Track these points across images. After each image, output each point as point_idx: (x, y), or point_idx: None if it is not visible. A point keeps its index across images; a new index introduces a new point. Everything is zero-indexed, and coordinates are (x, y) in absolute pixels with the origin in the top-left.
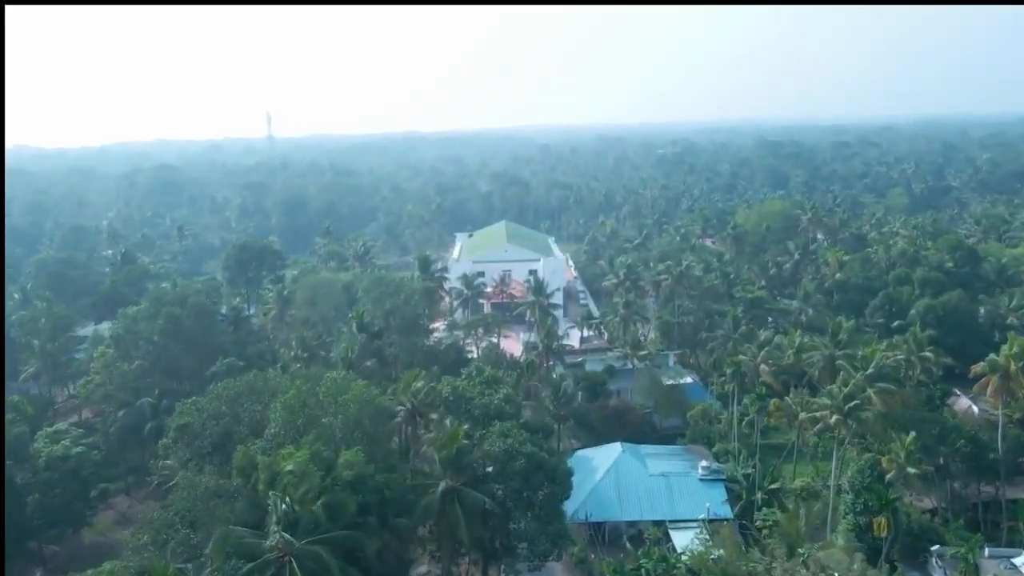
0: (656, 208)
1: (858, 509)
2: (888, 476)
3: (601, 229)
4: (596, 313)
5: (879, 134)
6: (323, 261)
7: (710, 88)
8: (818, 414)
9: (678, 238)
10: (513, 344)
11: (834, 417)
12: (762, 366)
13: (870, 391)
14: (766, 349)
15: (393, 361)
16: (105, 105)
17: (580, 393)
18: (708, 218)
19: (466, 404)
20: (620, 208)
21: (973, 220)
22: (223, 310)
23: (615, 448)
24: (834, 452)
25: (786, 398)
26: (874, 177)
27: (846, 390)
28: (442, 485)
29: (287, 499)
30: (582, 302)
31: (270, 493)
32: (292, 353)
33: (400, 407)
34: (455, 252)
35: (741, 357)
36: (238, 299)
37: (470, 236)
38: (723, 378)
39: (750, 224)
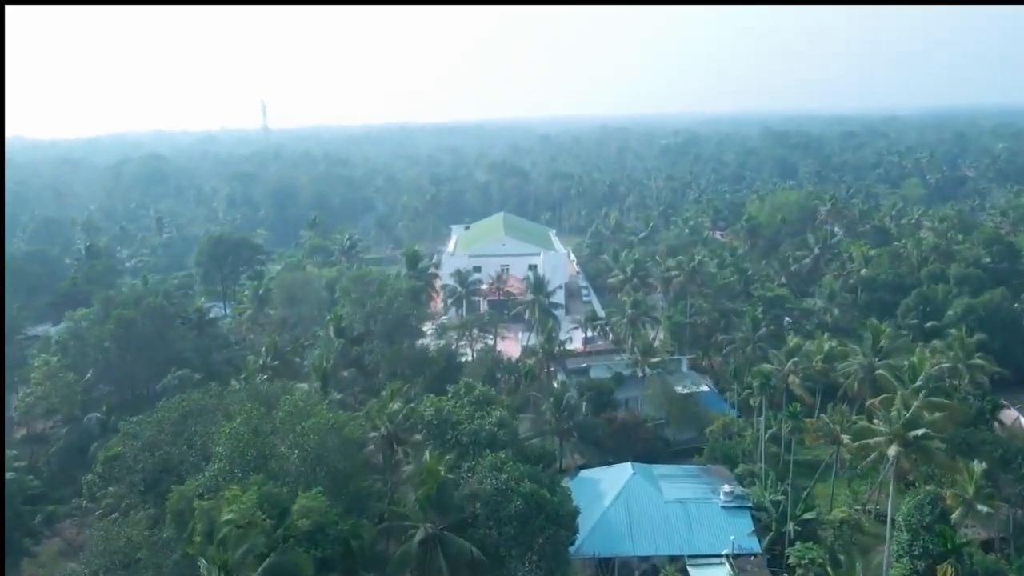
0: (662, 199)
1: (916, 552)
2: (953, 516)
3: (605, 221)
4: (600, 312)
5: (885, 124)
6: (308, 255)
7: (706, 82)
8: (871, 442)
9: (687, 231)
10: (511, 345)
11: (893, 447)
12: (791, 377)
13: (931, 414)
14: (795, 359)
15: (375, 370)
16: (102, 96)
17: (584, 403)
18: (719, 209)
19: (452, 429)
20: (624, 199)
21: (999, 211)
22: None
23: (625, 469)
24: (891, 488)
25: (822, 416)
26: (887, 167)
27: (907, 414)
28: (421, 531)
29: (225, 561)
30: (585, 298)
31: (201, 559)
32: (260, 362)
33: (374, 433)
34: (450, 246)
35: (767, 366)
36: (203, 298)
37: (466, 228)
38: (748, 390)
39: (763, 216)
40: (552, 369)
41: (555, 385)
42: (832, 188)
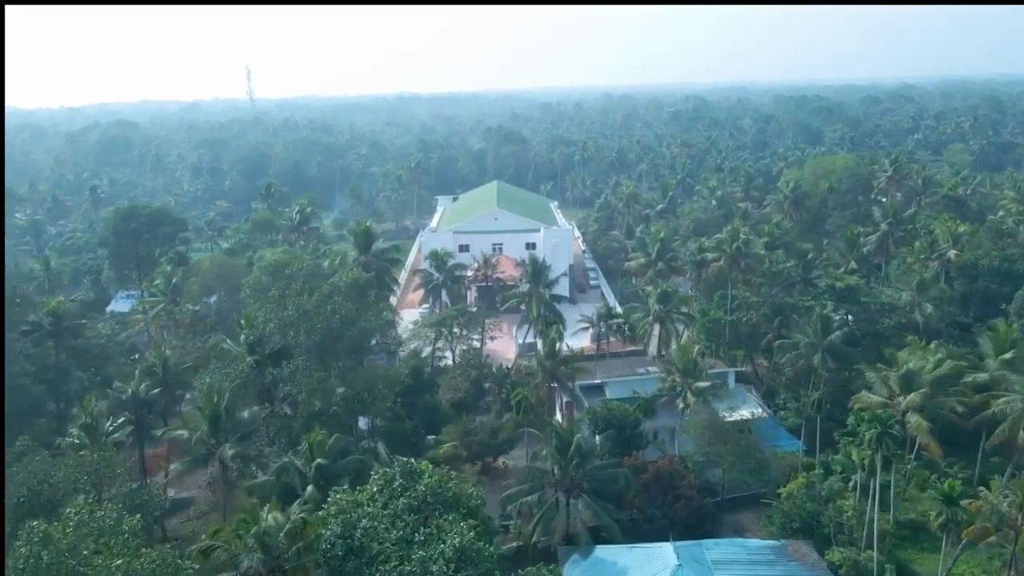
0: (679, 167)
1: None
2: None
3: (616, 191)
4: (613, 301)
5: (905, 91)
6: (257, 231)
7: (701, 52)
8: None
9: (714, 202)
10: (504, 345)
11: None
12: (911, 415)
13: None
14: (923, 389)
15: (295, 403)
16: (93, 67)
17: (599, 439)
18: (752, 176)
19: (371, 567)
20: (635, 167)
21: None
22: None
23: (665, 556)
24: None
25: (984, 493)
26: (925, 132)
27: None
28: None
29: None
30: (593, 282)
31: None
32: (128, 391)
33: (227, 574)
34: (434, 220)
35: (872, 398)
36: (80, 294)
37: (455, 200)
38: (850, 438)
39: (805, 184)
40: (554, 385)
41: (558, 413)
42: (870, 154)
